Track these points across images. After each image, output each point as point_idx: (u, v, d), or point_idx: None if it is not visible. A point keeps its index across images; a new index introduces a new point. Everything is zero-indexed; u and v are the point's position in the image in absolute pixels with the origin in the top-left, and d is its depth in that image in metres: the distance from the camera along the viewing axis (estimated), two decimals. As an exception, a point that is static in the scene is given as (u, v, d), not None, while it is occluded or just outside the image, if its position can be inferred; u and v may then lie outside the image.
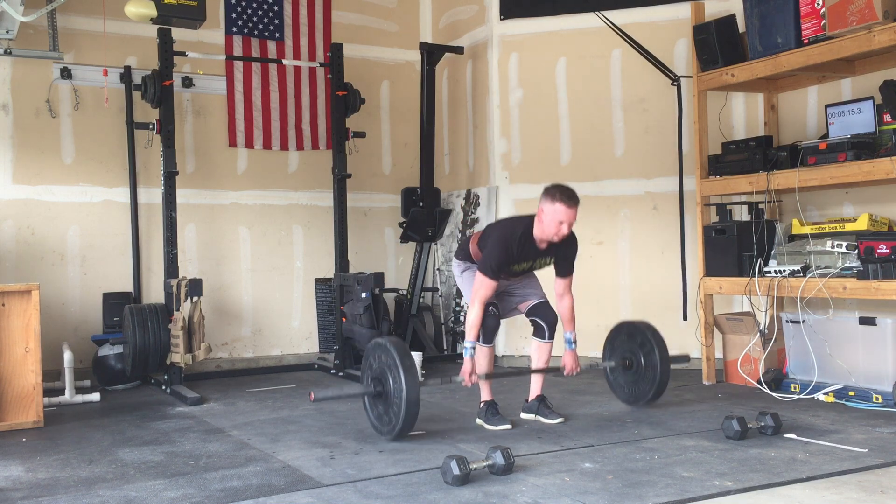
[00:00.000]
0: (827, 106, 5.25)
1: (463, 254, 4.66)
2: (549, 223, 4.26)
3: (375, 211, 7.54)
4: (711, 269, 5.64)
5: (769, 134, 5.84)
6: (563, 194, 4.26)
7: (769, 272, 5.23)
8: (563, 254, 4.47)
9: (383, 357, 4.07)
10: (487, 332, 4.46)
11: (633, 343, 4.78)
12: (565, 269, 4.50)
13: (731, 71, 5.47)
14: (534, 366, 4.65)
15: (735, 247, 5.44)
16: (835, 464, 3.54)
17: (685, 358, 5.17)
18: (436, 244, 7.44)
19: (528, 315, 4.63)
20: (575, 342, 4.56)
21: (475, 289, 4.31)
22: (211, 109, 6.89)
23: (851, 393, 4.86)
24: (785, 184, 5.16)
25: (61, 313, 6.30)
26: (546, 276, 4.64)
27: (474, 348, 4.28)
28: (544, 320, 4.55)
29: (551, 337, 4.58)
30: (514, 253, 4.32)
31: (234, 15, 6.92)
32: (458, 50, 7.28)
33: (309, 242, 7.22)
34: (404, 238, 7.15)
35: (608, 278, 6.54)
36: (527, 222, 4.39)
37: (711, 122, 5.87)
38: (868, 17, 4.54)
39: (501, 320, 4.55)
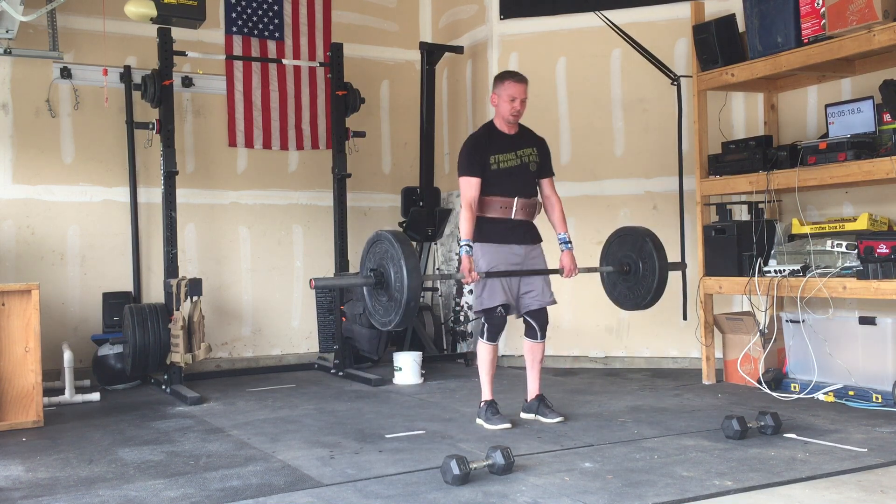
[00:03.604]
0: (827, 106, 5.24)
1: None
2: (502, 104, 4.50)
3: (375, 211, 7.53)
4: (711, 268, 5.64)
5: (769, 134, 5.84)
6: (509, 73, 4.57)
7: (769, 272, 5.23)
8: (539, 144, 4.64)
9: (379, 248, 4.02)
10: (494, 330, 4.53)
11: (626, 247, 4.77)
12: (546, 170, 4.67)
13: (731, 70, 5.47)
14: (528, 366, 4.67)
15: (735, 246, 5.44)
16: (835, 463, 3.54)
17: (682, 265, 5.20)
18: (436, 244, 7.44)
19: (523, 312, 4.65)
20: (570, 242, 4.66)
21: (462, 194, 4.45)
22: (211, 109, 6.88)
23: (851, 392, 4.86)
24: (785, 183, 5.16)
25: (61, 313, 6.30)
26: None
27: (469, 246, 4.35)
28: (536, 321, 4.60)
29: (542, 337, 4.63)
30: (483, 145, 4.49)
31: (233, 14, 6.92)
32: (458, 50, 7.28)
33: (309, 242, 7.22)
34: (404, 238, 7.14)
35: (608, 278, 6.52)
36: (487, 122, 4.66)
37: (711, 121, 5.87)
38: (868, 16, 4.53)
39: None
